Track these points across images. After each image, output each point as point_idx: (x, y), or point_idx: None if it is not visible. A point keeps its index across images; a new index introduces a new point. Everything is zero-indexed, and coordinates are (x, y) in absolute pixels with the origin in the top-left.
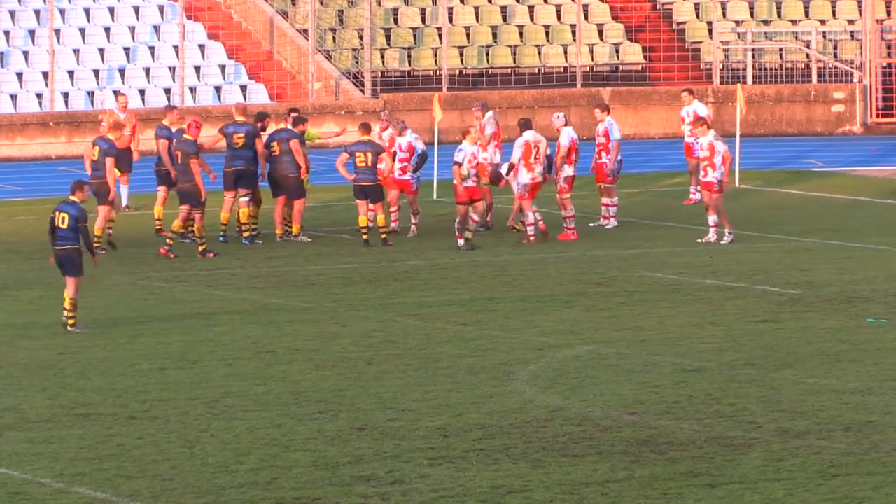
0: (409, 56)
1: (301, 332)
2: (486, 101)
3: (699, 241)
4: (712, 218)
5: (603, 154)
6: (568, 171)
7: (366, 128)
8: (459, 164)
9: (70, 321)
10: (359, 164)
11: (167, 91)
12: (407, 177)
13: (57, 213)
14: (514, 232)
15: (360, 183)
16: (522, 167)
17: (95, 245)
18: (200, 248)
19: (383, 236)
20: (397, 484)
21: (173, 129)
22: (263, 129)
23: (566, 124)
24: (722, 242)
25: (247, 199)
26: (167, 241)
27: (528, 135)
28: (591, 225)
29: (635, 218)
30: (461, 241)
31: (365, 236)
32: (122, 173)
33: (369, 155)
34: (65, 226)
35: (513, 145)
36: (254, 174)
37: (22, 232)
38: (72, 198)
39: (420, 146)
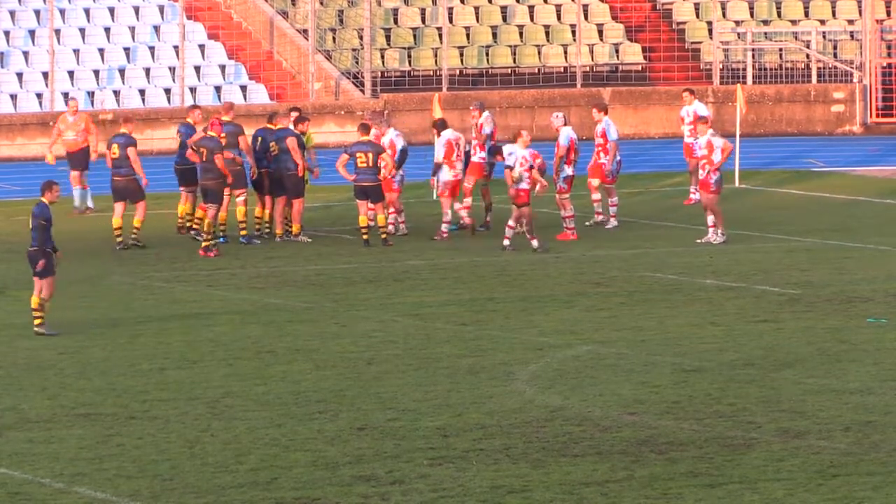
0: (409, 56)
1: (301, 332)
2: (486, 100)
3: (699, 241)
4: (711, 218)
5: (601, 154)
6: (567, 171)
7: (365, 129)
8: (511, 168)
9: (36, 321)
10: (360, 165)
11: (167, 91)
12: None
13: None
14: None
15: (360, 183)
16: (445, 165)
17: (132, 237)
18: (204, 245)
19: (383, 236)
20: (397, 484)
21: (199, 127)
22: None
23: (565, 124)
24: (713, 241)
25: (243, 198)
26: (204, 241)
27: (448, 133)
28: (588, 224)
29: (635, 218)
30: (535, 242)
31: (365, 236)
32: (78, 171)
33: (370, 155)
34: (31, 226)
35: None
36: (240, 173)
37: (22, 232)
38: (42, 199)
39: (401, 143)
